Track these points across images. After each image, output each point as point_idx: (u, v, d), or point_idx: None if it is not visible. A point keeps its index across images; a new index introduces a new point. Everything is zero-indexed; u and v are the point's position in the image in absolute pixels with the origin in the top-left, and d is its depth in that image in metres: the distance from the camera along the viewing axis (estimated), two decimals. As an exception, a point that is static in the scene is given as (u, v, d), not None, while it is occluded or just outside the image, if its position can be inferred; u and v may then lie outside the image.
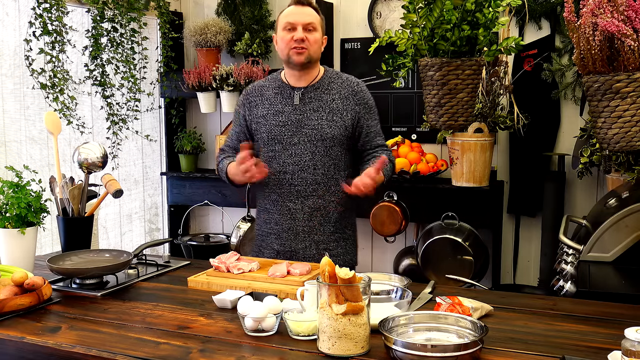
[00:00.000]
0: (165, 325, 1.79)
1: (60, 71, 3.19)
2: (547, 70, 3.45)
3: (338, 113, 2.45)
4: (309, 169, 2.44)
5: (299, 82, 2.48)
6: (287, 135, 2.45)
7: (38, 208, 2.25)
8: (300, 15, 2.42)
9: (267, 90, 2.53)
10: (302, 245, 2.48)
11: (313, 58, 2.44)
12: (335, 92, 2.47)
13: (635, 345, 1.33)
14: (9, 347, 1.72)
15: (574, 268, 2.45)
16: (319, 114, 2.44)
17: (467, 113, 2.26)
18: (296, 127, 2.44)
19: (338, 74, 2.54)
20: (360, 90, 2.50)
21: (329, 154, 2.44)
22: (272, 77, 2.57)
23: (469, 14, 2.11)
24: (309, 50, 2.41)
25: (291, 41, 2.40)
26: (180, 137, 4.20)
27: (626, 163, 2.74)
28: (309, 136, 2.43)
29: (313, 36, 2.42)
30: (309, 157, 2.43)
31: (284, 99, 2.48)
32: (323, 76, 2.50)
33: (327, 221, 2.48)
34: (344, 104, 2.46)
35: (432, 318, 1.66)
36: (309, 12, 2.43)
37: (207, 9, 4.25)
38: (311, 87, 2.48)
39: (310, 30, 2.42)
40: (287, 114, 2.46)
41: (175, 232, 4.23)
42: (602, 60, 1.84)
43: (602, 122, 1.90)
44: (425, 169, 3.57)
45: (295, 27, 2.40)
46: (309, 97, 2.46)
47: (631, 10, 1.79)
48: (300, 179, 2.44)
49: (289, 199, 2.46)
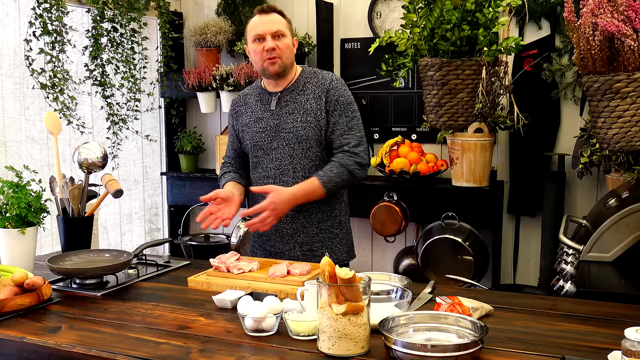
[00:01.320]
0: (165, 325, 1.79)
1: (60, 71, 3.19)
2: (547, 70, 3.45)
3: (312, 113, 2.43)
4: (289, 172, 2.46)
5: (276, 87, 2.50)
6: (267, 141, 2.48)
7: (38, 208, 2.25)
8: (266, 24, 2.41)
9: (250, 98, 2.57)
10: (287, 247, 2.51)
11: (287, 64, 2.44)
12: (310, 92, 2.46)
13: (635, 345, 1.33)
14: (9, 347, 1.72)
15: (574, 268, 2.45)
16: (294, 117, 2.45)
17: (467, 113, 2.26)
18: (274, 131, 2.47)
19: (315, 72, 2.52)
20: (332, 88, 2.45)
21: (307, 156, 2.45)
22: (255, 85, 2.61)
23: (469, 14, 2.11)
24: (282, 57, 2.41)
25: (263, 52, 2.40)
26: (180, 137, 4.20)
27: (626, 163, 2.74)
28: (287, 140, 2.45)
29: (283, 42, 2.42)
30: (288, 161, 2.45)
31: (263, 105, 2.51)
32: (298, 77, 2.50)
33: (310, 223, 2.48)
34: (317, 103, 2.44)
35: (432, 318, 1.66)
36: (274, 19, 2.43)
37: (207, 9, 4.25)
38: (286, 90, 2.48)
39: (279, 37, 2.41)
40: (266, 119, 2.49)
41: (175, 232, 4.23)
42: (602, 60, 1.84)
43: (602, 122, 1.90)
44: (425, 169, 3.57)
45: (263, 37, 2.41)
46: (284, 100, 2.48)
47: (631, 10, 1.79)
48: (282, 183, 2.45)
49: None
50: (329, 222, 2.52)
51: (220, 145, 3.93)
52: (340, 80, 2.51)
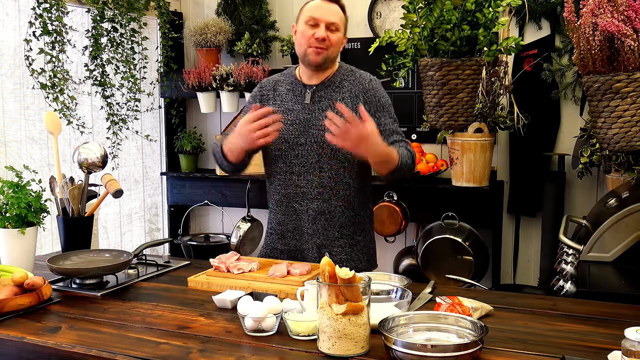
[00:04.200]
0: (165, 325, 1.79)
1: (60, 71, 3.19)
2: (547, 70, 3.45)
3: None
4: (315, 170, 2.34)
5: (312, 80, 2.38)
6: (294, 135, 2.35)
7: (38, 208, 2.25)
8: (325, 12, 2.30)
9: (281, 85, 2.44)
10: (306, 246, 2.41)
11: (331, 58, 2.34)
12: (346, 91, 2.36)
13: (635, 345, 1.33)
14: (9, 347, 1.72)
15: (574, 268, 2.45)
16: (326, 114, 2.32)
17: (467, 113, 2.26)
18: (304, 126, 2.34)
19: (352, 70, 2.43)
20: (372, 88, 2.38)
21: (336, 156, 2.33)
22: (287, 72, 2.48)
23: (469, 14, 2.11)
24: (328, 51, 2.31)
25: (312, 38, 2.29)
26: (180, 137, 4.20)
27: (626, 163, 2.74)
28: (316, 137, 2.32)
29: (335, 35, 2.31)
30: (316, 159, 2.33)
31: (295, 97, 2.39)
32: (336, 73, 2.40)
33: (332, 225, 2.37)
34: (353, 102, 2.33)
35: (432, 318, 1.66)
36: (334, 10, 2.33)
37: (207, 9, 4.25)
38: (322, 84, 2.37)
39: (332, 30, 2.31)
40: (297, 112, 2.36)
41: (175, 232, 4.24)
42: (602, 60, 1.84)
43: (602, 122, 1.90)
44: (425, 169, 3.57)
45: (318, 23, 2.29)
46: (319, 95, 2.37)
47: (631, 10, 1.79)
48: (306, 181, 2.35)
49: (295, 199, 2.38)
50: (352, 228, 2.41)
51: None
52: (378, 81, 2.43)
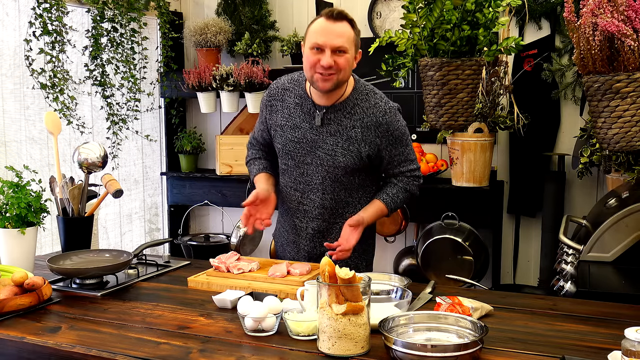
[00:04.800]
0: (165, 325, 1.79)
1: (60, 71, 3.19)
2: (547, 70, 3.45)
3: (355, 143, 2.24)
4: (318, 192, 2.32)
5: (322, 100, 2.26)
6: (300, 153, 2.31)
7: (38, 208, 2.25)
8: (330, 36, 2.13)
9: (289, 97, 2.33)
10: (303, 260, 2.40)
11: (341, 83, 2.20)
12: (357, 119, 2.24)
13: (635, 345, 1.33)
14: (9, 347, 1.72)
15: (574, 268, 2.45)
16: (335, 139, 2.25)
17: (467, 113, 2.26)
18: (310, 147, 2.28)
19: (367, 94, 2.28)
20: (385, 122, 2.24)
21: (339, 180, 2.30)
22: (296, 80, 2.36)
23: (469, 14, 2.12)
24: (337, 76, 2.16)
25: (317, 65, 2.14)
26: (180, 137, 4.20)
27: (626, 163, 2.74)
28: (322, 159, 2.27)
29: (343, 59, 2.15)
30: (319, 181, 2.31)
31: (303, 114, 2.29)
32: (350, 96, 2.26)
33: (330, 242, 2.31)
34: (364, 134, 2.24)
35: (432, 318, 1.66)
36: (340, 32, 2.15)
37: (207, 9, 4.25)
38: (333, 107, 2.26)
39: (339, 54, 2.14)
40: (304, 130, 2.28)
41: (175, 232, 4.23)
42: (602, 60, 1.84)
43: (602, 122, 1.90)
44: (425, 169, 3.57)
45: (323, 49, 2.14)
46: (328, 118, 2.26)
47: (631, 10, 1.79)
48: (308, 200, 2.34)
49: (296, 215, 2.39)
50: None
51: (220, 145, 3.93)
52: (394, 110, 2.28)
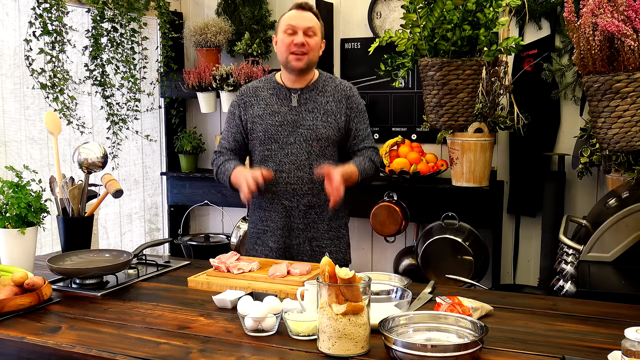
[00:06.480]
0: (165, 325, 1.79)
1: (60, 71, 3.19)
2: (547, 70, 3.45)
3: (332, 115, 2.52)
4: (305, 167, 2.49)
5: (295, 84, 2.55)
6: (283, 135, 2.50)
7: (38, 208, 2.25)
8: (301, 20, 2.48)
9: (262, 91, 2.58)
10: (297, 241, 2.54)
11: (312, 62, 2.51)
12: (330, 95, 2.55)
13: (635, 345, 1.33)
14: (9, 347, 1.72)
15: (574, 268, 2.45)
16: (314, 115, 2.51)
17: (467, 113, 2.26)
18: (292, 127, 2.50)
19: (332, 77, 2.62)
20: (352, 95, 2.58)
21: (324, 154, 2.51)
22: (266, 79, 2.63)
23: (470, 14, 2.11)
24: (309, 55, 2.48)
25: (291, 45, 2.46)
26: (180, 137, 4.20)
27: (626, 163, 2.74)
28: (305, 136, 2.50)
29: (313, 40, 2.49)
30: (305, 157, 2.49)
31: (279, 100, 2.54)
32: (318, 79, 2.58)
33: (322, 219, 2.55)
34: (338, 106, 2.54)
35: (432, 318, 1.66)
36: (309, 17, 2.50)
37: (207, 9, 4.25)
38: (307, 88, 2.55)
39: (310, 35, 2.48)
40: (284, 114, 2.52)
41: (175, 232, 4.24)
42: (602, 60, 1.84)
43: (602, 122, 1.90)
44: (425, 169, 3.57)
45: (296, 31, 2.47)
46: (304, 98, 2.53)
47: (631, 10, 1.79)
48: (296, 178, 2.49)
49: (285, 197, 2.51)
50: (337, 221, 2.60)
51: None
52: (355, 88, 2.64)
